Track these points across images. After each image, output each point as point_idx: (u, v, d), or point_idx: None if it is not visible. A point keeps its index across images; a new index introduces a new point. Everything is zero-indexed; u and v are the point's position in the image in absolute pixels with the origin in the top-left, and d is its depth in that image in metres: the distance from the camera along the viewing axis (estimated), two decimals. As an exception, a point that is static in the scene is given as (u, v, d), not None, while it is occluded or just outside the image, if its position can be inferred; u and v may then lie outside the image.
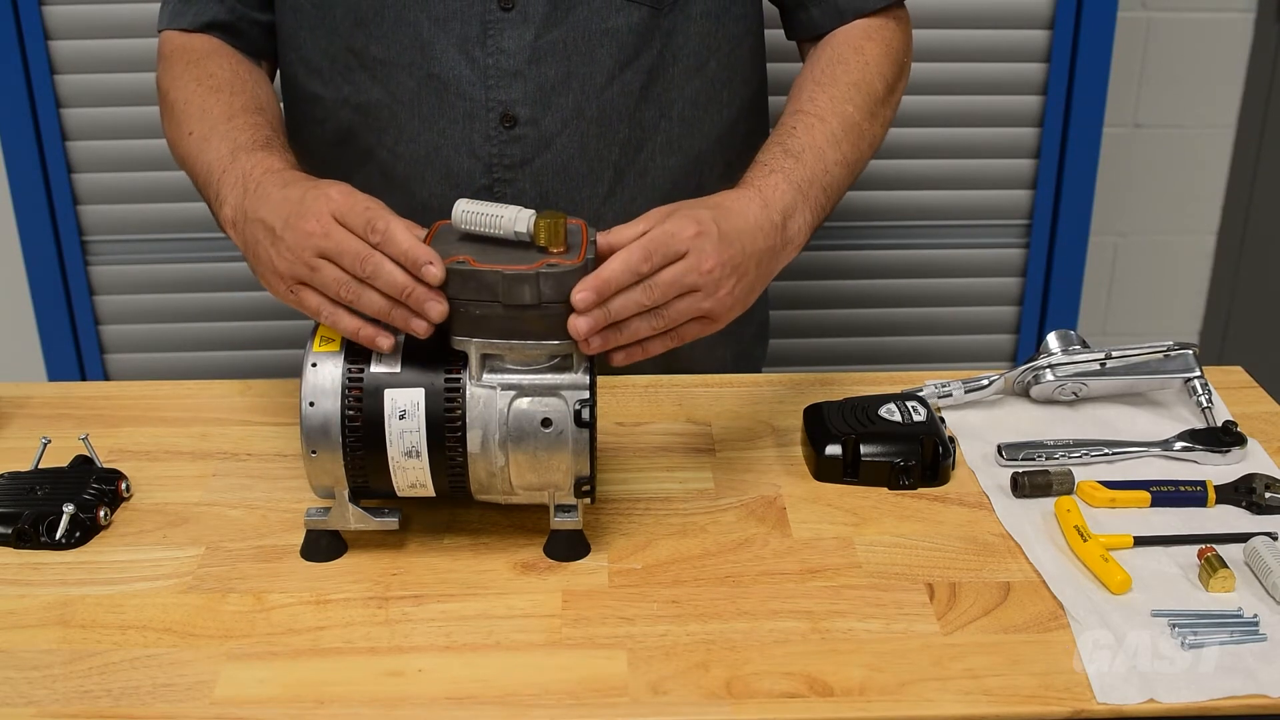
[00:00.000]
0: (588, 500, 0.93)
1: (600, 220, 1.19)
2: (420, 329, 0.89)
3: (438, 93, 1.15)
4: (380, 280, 0.88)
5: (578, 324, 0.88)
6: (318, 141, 1.23)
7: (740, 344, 1.37)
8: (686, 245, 0.92)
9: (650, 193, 1.21)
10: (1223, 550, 0.93)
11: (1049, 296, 2.11)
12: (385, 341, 0.89)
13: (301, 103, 1.24)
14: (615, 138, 1.17)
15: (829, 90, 1.13)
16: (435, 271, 0.87)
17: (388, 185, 1.20)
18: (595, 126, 1.17)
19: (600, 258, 0.91)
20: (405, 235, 0.88)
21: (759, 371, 1.44)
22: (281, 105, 1.25)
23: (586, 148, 1.17)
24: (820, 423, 1.07)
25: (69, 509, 0.96)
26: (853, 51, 1.17)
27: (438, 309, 0.88)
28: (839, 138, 1.10)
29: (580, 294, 0.88)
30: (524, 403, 0.90)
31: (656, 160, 1.20)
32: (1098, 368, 1.13)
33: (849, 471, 1.04)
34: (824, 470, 1.05)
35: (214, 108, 1.12)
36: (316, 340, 0.92)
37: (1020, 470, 1.03)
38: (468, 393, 0.90)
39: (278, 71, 1.26)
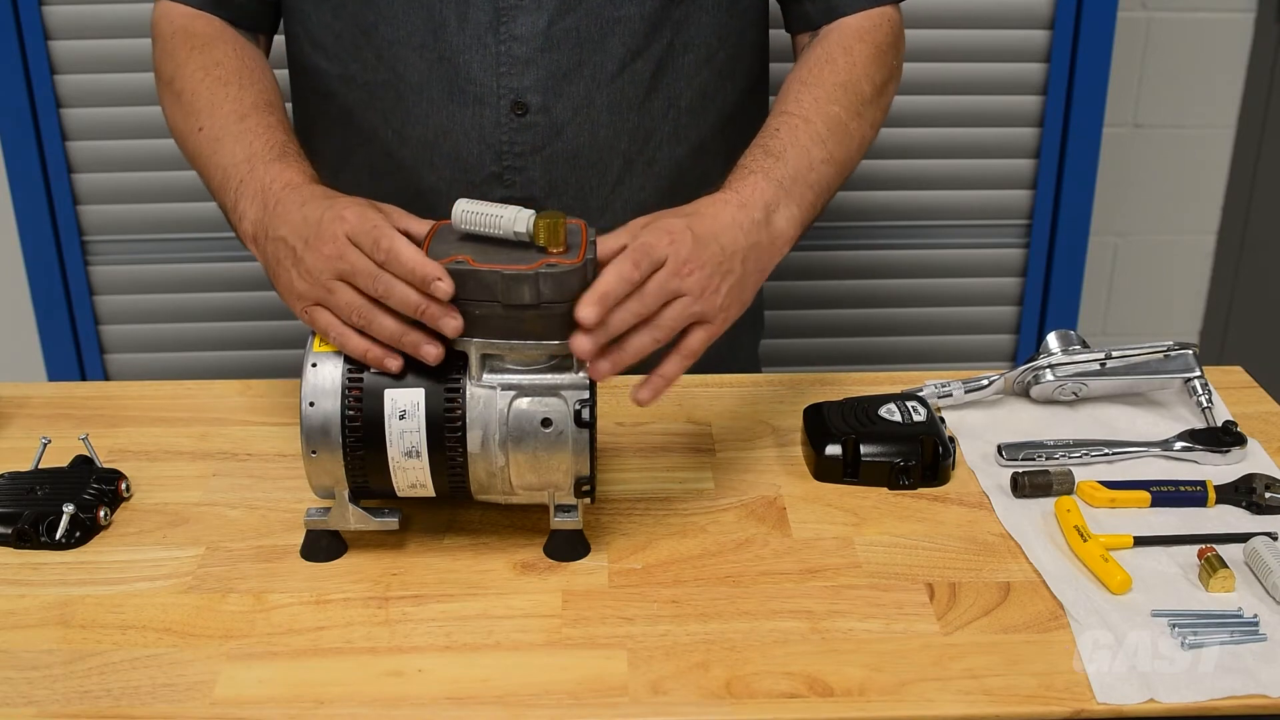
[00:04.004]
0: (588, 500, 0.93)
1: (608, 209, 1.19)
2: (430, 355, 0.89)
3: (448, 77, 1.14)
4: (393, 299, 0.88)
5: (581, 344, 0.88)
6: (319, 115, 1.22)
7: (729, 332, 1.37)
8: (664, 252, 0.92)
9: (657, 182, 1.21)
10: (1223, 550, 0.93)
11: (1049, 296, 2.11)
12: (393, 363, 0.90)
13: (305, 74, 1.23)
14: (624, 126, 1.18)
15: (814, 90, 1.13)
16: (445, 287, 0.87)
17: (392, 168, 1.19)
18: (605, 115, 1.17)
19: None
20: (411, 253, 0.88)
21: (754, 361, 1.44)
22: (288, 77, 1.23)
23: (596, 136, 1.17)
24: (820, 423, 1.07)
25: (69, 509, 0.96)
26: (841, 52, 1.17)
27: (452, 324, 0.88)
28: (824, 136, 1.09)
29: (585, 309, 0.87)
30: (524, 403, 0.90)
31: (663, 150, 1.20)
32: (1098, 368, 1.13)
33: (849, 471, 1.04)
34: (824, 470, 1.05)
35: (224, 104, 1.10)
36: (317, 340, 0.92)
37: (1020, 470, 1.03)
38: (468, 393, 0.90)
39: (284, 43, 1.24)
